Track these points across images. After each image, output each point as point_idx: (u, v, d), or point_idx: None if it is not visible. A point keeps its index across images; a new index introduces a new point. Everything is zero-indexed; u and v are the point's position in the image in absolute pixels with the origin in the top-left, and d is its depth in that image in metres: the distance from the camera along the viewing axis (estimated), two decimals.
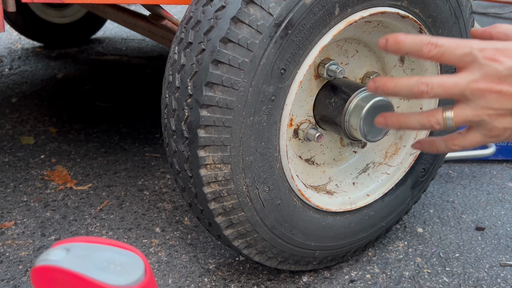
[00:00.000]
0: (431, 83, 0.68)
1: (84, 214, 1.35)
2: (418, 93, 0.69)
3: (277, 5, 0.82)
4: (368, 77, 1.08)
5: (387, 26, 1.03)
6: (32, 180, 1.50)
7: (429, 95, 0.69)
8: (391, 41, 0.70)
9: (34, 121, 1.90)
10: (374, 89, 0.72)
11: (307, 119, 1.05)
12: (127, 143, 1.76)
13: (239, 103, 0.85)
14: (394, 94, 0.71)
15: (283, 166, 0.95)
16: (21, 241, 1.24)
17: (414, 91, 0.69)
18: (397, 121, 0.74)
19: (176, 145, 0.92)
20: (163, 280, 1.12)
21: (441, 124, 0.71)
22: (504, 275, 1.18)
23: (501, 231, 1.36)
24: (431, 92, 0.68)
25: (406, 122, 0.73)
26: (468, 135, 0.72)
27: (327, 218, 1.06)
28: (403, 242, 1.28)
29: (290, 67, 0.87)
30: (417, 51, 0.68)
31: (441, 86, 0.68)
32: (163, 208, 1.39)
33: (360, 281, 1.14)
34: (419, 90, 0.68)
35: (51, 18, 2.68)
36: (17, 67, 2.49)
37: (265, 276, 1.14)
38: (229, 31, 0.82)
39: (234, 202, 0.91)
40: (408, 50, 0.69)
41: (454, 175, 1.65)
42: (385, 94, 0.72)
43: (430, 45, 0.67)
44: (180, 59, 0.89)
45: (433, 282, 1.15)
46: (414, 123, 0.73)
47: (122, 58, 2.68)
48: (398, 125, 0.74)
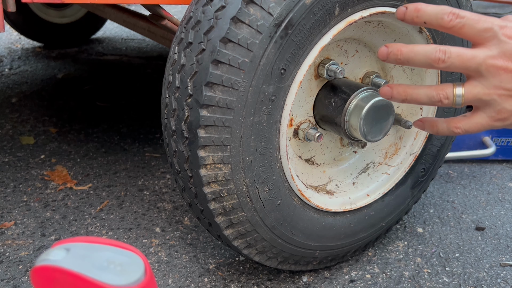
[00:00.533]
0: (449, 51, 0.66)
1: (84, 214, 1.35)
2: (434, 60, 0.66)
3: (277, 5, 0.82)
4: (368, 77, 1.08)
5: (387, 26, 1.03)
6: (32, 180, 1.50)
7: (445, 63, 0.66)
8: (410, 9, 0.67)
9: (34, 121, 1.90)
10: (386, 54, 0.69)
11: (307, 119, 1.05)
12: (127, 143, 1.76)
13: (239, 103, 0.85)
14: (407, 61, 0.68)
15: (283, 166, 0.95)
16: (21, 241, 1.24)
17: (431, 57, 0.66)
18: (404, 91, 0.71)
19: (176, 145, 0.92)
20: (163, 280, 1.12)
21: (450, 99, 0.68)
22: (504, 275, 1.18)
23: (501, 231, 1.36)
24: (448, 61, 0.66)
25: (413, 94, 0.70)
26: (473, 117, 0.69)
27: (327, 218, 1.06)
28: (403, 242, 1.28)
29: (290, 67, 0.87)
30: (437, 20, 0.66)
31: (459, 56, 0.66)
32: (163, 208, 1.39)
33: (360, 281, 1.14)
34: (436, 57, 0.66)
35: (51, 18, 2.68)
36: (17, 67, 2.49)
37: (265, 276, 1.14)
38: (229, 31, 0.82)
39: (234, 202, 0.91)
40: (428, 19, 0.66)
41: (454, 175, 1.65)
42: (397, 60, 0.68)
43: (452, 15, 0.65)
44: (180, 59, 0.89)
45: (433, 282, 1.15)
46: (422, 95, 0.69)
47: (122, 58, 2.68)
48: (404, 96, 0.70)
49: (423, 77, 1.10)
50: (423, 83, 1.11)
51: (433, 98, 0.69)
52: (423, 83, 1.11)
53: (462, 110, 1.19)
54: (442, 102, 0.68)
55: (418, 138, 1.15)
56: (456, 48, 0.66)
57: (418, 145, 1.15)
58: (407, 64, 0.68)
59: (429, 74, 1.09)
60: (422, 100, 0.70)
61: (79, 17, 2.75)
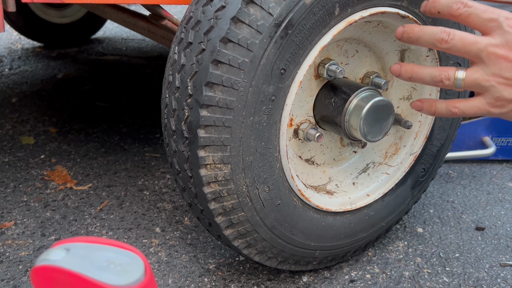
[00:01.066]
0: (454, 33, 0.71)
1: (84, 214, 1.35)
2: (438, 40, 0.72)
3: (277, 5, 0.82)
4: (368, 77, 1.08)
5: (387, 26, 1.03)
6: (32, 180, 1.50)
7: (448, 44, 0.71)
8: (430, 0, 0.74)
9: (34, 121, 1.90)
10: (401, 33, 0.76)
11: (307, 119, 1.05)
12: (127, 143, 1.76)
13: (239, 103, 0.85)
14: (417, 39, 0.74)
15: (283, 166, 0.95)
16: (21, 241, 1.24)
17: (435, 37, 0.72)
18: (411, 69, 0.76)
19: (176, 145, 0.92)
20: (163, 280, 1.12)
21: (451, 80, 0.73)
22: (504, 275, 1.18)
23: (501, 231, 1.36)
24: (450, 42, 0.71)
25: (418, 72, 0.76)
26: (472, 100, 0.74)
27: (327, 218, 1.06)
28: (403, 242, 1.28)
29: (290, 67, 0.87)
30: (448, 8, 0.72)
31: (461, 40, 0.71)
32: (163, 208, 1.39)
33: (360, 281, 1.14)
34: (440, 37, 0.72)
35: (51, 18, 2.68)
36: (17, 67, 2.49)
37: (265, 276, 1.14)
38: (229, 31, 0.82)
39: (234, 202, 0.91)
40: (441, 8, 0.72)
41: (454, 175, 1.65)
42: (409, 38, 0.75)
43: (459, 3, 0.71)
44: (180, 59, 0.89)
45: (433, 282, 1.15)
46: (426, 74, 0.75)
47: (122, 58, 2.68)
48: (411, 73, 0.76)
49: None
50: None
51: (435, 78, 0.74)
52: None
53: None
54: (443, 82, 0.73)
55: (418, 138, 1.15)
56: (460, 32, 0.71)
57: (418, 145, 1.15)
58: (416, 42, 0.75)
59: None
60: (426, 79, 0.75)
61: (79, 17, 2.75)
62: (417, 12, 1.00)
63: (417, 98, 1.14)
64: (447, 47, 0.72)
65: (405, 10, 0.98)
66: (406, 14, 0.98)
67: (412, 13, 0.99)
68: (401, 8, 0.97)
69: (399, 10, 0.97)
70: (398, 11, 0.97)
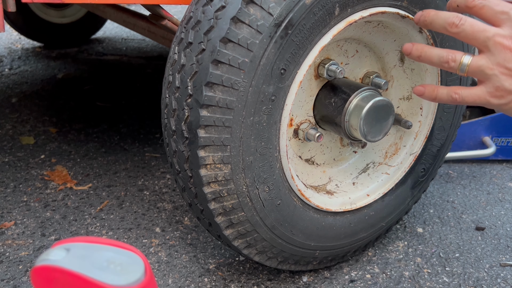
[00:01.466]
0: (465, 19, 0.75)
1: (84, 214, 1.35)
2: (449, 23, 0.76)
3: (277, 5, 0.82)
4: (368, 77, 1.08)
5: (387, 26, 1.03)
6: (32, 180, 1.50)
7: (458, 28, 0.75)
8: None
9: (34, 121, 1.90)
10: (419, 16, 0.81)
11: (307, 119, 1.05)
12: (127, 143, 1.76)
13: (239, 103, 0.85)
14: (431, 22, 0.78)
15: (283, 166, 0.95)
16: (21, 241, 1.24)
17: (447, 21, 0.76)
18: (422, 48, 0.80)
19: (176, 145, 0.92)
20: (163, 280, 1.12)
21: (456, 63, 0.76)
22: (504, 275, 1.18)
23: (501, 231, 1.36)
24: (461, 27, 0.75)
25: (427, 52, 0.79)
26: (473, 88, 0.76)
27: (327, 218, 1.06)
28: (403, 242, 1.28)
29: (290, 67, 0.87)
30: (465, 1, 0.76)
31: (471, 26, 0.74)
32: (163, 208, 1.39)
33: (360, 281, 1.14)
34: (451, 21, 0.75)
35: (51, 18, 2.68)
36: (17, 67, 2.49)
37: (265, 276, 1.14)
38: (229, 31, 0.82)
39: (234, 202, 0.91)
40: (460, 1, 0.77)
41: (454, 175, 1.65)
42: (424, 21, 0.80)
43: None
44: (180, 59, 0.89)
45: (433, 282, 1.15)
46: (434, 55, 0.78)
47: (122, 58, 2.68)
48: (420, 52, 0.80)
49: (423, 77, 1.10)
50: (423, 82, 1.11)
51: (442, 59, 0.77)
52: (423, 82, 1.11)
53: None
54: (449, 64, 0.76)
55: (418, 138, 1.15)
56: (471, 19, 0.75)
57: (418, 145, 1.15)
58: (430, 26, 0.79)
59: (429, 74, 1.09)
60: (433, 59, 0.79)
61: (79, 17, 2.75)
62: (417, 12, 1.00)
63: (417, 98, 1.14)
64: (457, 31, 0.75)
65: (405, 10, 0.98)
66: (406, 14, 0.98)
67: (412, 13, 0.99)
68: (401, 8, 0.97)
69: (399, 10, 0.97)
70: (398, 11, 0.97)
